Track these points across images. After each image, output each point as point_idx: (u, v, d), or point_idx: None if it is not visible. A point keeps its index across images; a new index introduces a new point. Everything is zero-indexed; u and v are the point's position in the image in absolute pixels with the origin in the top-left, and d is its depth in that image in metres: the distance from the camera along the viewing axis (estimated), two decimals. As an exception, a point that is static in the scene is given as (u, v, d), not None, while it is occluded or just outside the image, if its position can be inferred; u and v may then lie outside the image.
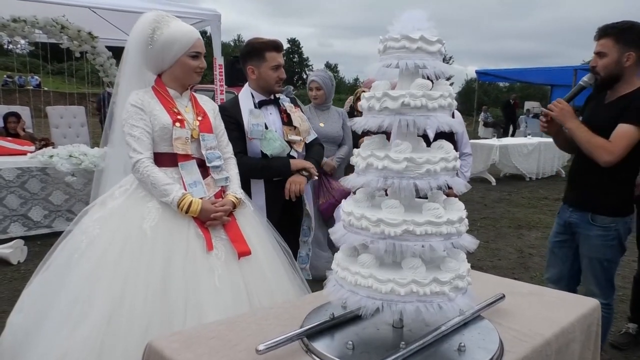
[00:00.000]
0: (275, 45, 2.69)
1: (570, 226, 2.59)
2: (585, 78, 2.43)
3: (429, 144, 1.35)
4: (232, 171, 2.31)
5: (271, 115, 2.77)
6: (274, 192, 2.70)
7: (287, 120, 2.79)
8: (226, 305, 1.91)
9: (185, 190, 2.06)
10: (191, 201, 2.02)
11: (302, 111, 3.04)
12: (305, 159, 2.82)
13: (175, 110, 2.13)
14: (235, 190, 2.24)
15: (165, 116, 2.09)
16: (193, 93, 2.28)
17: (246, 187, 2.58)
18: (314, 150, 2.89)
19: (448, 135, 3.54)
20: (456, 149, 3.46)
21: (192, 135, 2.13)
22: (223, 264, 2.01)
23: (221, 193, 2.20)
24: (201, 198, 2.07)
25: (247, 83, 2.82)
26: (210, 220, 2.06)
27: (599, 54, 2.38)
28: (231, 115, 2.63)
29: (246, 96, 2.74)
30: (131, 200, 2.07)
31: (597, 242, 2.47)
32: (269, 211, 2.66)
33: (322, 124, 3.87)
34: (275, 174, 2.71)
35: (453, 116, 3.87)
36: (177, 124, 2.10)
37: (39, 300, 2.01)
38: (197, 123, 2.17)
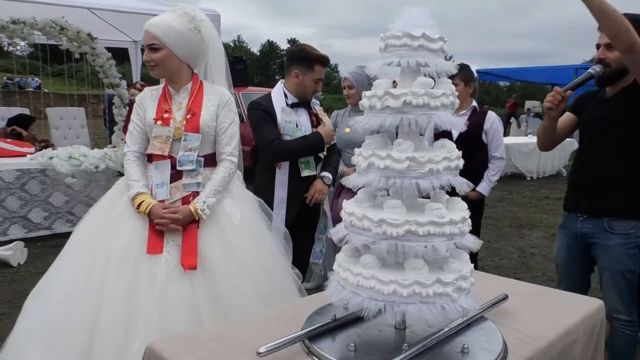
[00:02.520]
0: (324, 61, 2.83)
1: (584, 237, 2.36)
2: (597, 67, 2.24)
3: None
4: (217, 175, 2.13)
5: (302, 117, 2.87)
6: (296, 187, 2.80)
7: (316, 123, 2.90)
8: (164, 315, 1.82)
9: (152, 190, 2.07)
10: (142, 201, 2.01)
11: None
12: (324, 166, 2.93)
13: (166, 107, 2.12)
14: (202, 198, 2.06)
15: (151, 113, 2.12)
16: (204, 86, 2.20)
17: (271, 179, 2.76)
18: (332, 159, 3.00)
19: (475, 138, 3.51)
20: (486, 151, 3.44)
21: (174, 134, 2.09)
22: (172, 270, 1.92)
23: (189, 198, 2.09)
24: (163, 201, 2.05)
25: (281, 82, 2.91)
26: (157, 225, 1.99)
27: (608, 46, 2.21)
28: (265, 110, 2.77)
29: (279, 95, 2.84)
30: (116, 191, 2.15)
31: (618, 252, 2.24)
32: (289, 205, 2.78)
33: (347, 130, 3.43)
34: (313, 149, 2.82)
35: (484, 117, 3.75)
36: (159, 122, 2.09)
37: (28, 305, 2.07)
38: (184, 122, 2.10)
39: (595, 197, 2.30)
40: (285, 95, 2.84)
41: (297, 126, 2.79)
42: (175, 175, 2.10)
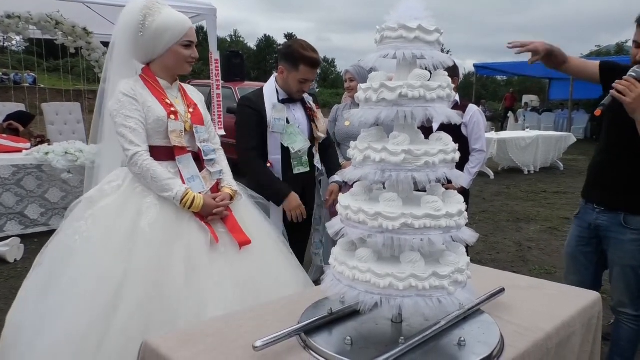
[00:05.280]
0: (312, 62, 2.66)
1: (598, 229, 2.34)
2: (639, 69, 2.10)
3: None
4: (224, 162, 2.27)
5: (296, 113, 2.79)
6: (290, 185, 2.73)
7: (312, 119, 2.84)
8: (228, 299, 1.88)
9: (184, 184, 2.03)
10: (194, 197, 1.99)
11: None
12: (330, 171, 2.91)
13: (168, 101, 2.08)
14: (230, 182, 2.21)
15: (159, 108, 2.04)
16: (181, 84, 2.23)
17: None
18: (333, 157, 2.95)
19: (455, 131, 3.47)
20: (466, 144, 3.43)
21: (185, 127, 2.09)
22: (223, 257, 1.99)
23: (216, 186, 2.18)
24: (200, 193, 2.05)
25: (274, 75, 2.81)
26: (212, 215, 2.04)
27: None
28: (255, 108, 2.68)
29: (271, 90, 2.75)
30: (125, 196, 2.02)
31: (631, 248, 2.23)
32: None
33: (347, 123, 3.44)
34: (269, 196, 2.65)
35: (465, 109, 3.71)
36: (172, 117, 2.05)
37: (36, 300, 1.98)
38: (189, 115, 2.13)
39: (614, 192, 2.27)
40: (277, 91, 2.75)
41: (288, 122, 2.70)
42: (198, 166, 2.13)
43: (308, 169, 2.80)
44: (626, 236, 2.24)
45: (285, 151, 2.70)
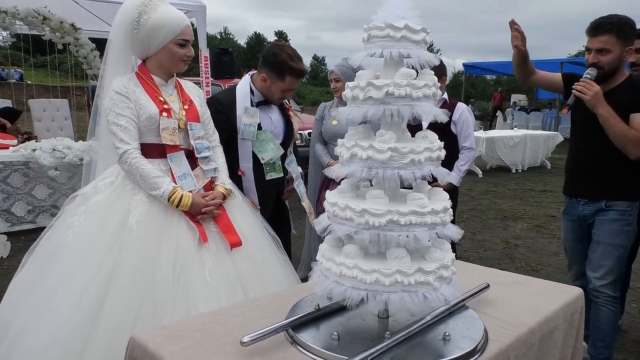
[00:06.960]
0: (300, 74, 2.59)
1: (585, 219, 2.55)
2: (592, 72, 2.36)
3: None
4: (220, 160, 2.26)
5: (272, 115, 2.71)
6: (265, 189, 2.68)
7: (289, 120, 2.77)
8: (218, 298, 1.88)
9: (175, 182, 2.02)
10: (182, 195, 1.98)
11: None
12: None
13: (161, 99, 2.07)
14: (224, 180, 2.21)
15: (151, 105, 2.03)
16: (178, 80, 2.22)
17: (238, 184, 2.57)
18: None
19: (444, 129, 3.47)
20: (455, 142, 3.46)
21: (179, 125, 2.07)
22: (213, 257, 1.99)
23: (210, 184, 2.17)
24: (191, 191, 2.04)
25: (250, 74, 2.69)
26: (202, 214, 2.03)
27: (600, 51, 2.34)
28: (224, 112, 2.56)
29: (245, 91, 2.62)
30: (117, 193, 2.02)
31: (613, 227, 2.43)
32: (262, 208, 2.66)
33: (334, 122, 3.41)
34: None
35: (454, 108, 3.72)
36: (164, 114, 2.03)
37: (25, 295, 1.98)
38: (184, 112, 2.12)
39: (594, 183, 2.49)
40: (252, 92, 2.62)
41: (260, 128, 2.58)
42: (191, 163, 2.12)
43: (281, 174, 2.73)
44: (608, 216, 2.46)
45: (257, 157, 2.62)
